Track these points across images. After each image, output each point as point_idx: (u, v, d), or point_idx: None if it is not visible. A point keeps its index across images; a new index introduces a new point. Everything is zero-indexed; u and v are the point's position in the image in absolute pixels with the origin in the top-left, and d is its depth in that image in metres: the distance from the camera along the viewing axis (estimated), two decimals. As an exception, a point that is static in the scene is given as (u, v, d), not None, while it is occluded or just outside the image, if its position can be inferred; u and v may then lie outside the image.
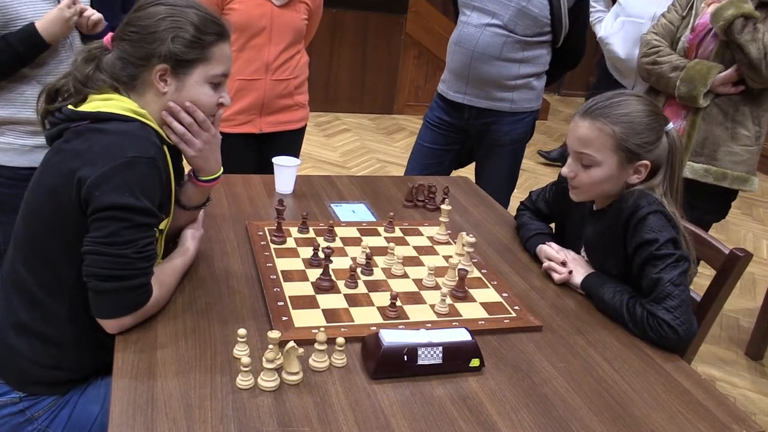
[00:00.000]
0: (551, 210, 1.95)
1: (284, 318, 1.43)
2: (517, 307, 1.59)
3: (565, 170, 1.68)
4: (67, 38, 2.05)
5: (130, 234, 1.29)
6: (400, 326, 1.45)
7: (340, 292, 1.57)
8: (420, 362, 1.30)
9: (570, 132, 1.67)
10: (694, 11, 2.50)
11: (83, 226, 1.31)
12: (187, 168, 1.60)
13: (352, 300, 1.54)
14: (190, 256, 1.57)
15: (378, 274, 1.67)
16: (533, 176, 5.22)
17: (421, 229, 1.97)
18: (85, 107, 1.40)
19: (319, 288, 1.57)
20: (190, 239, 1.60)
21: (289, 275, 1.61)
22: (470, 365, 1.34)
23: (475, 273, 1.73)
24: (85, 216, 1.31)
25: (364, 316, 1.48)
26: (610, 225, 1.65)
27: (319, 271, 1.60)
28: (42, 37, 1.95)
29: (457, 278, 1.62)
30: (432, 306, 1.55)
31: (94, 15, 2.05)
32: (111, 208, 1.28)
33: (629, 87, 3.50)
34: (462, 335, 1.35)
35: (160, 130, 1.44)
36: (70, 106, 1.41)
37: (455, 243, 1.86)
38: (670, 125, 1.64)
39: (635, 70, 3.26)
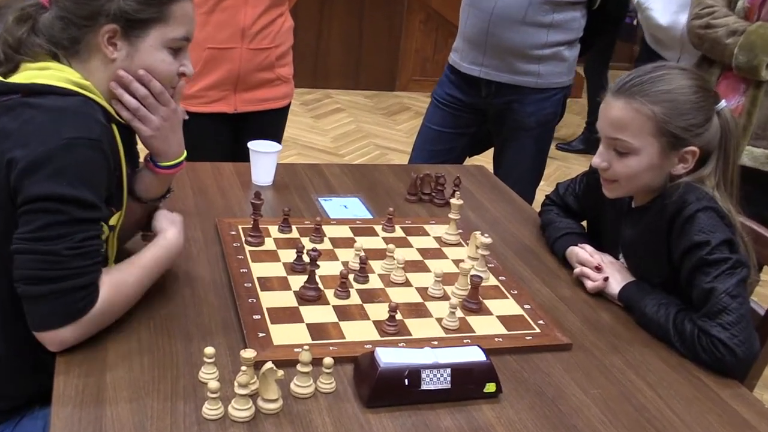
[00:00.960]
0: (582, 206, 1.96)
1: (261, 334, 1.43)
2: (541, 322, 1.58)
3: (596, 160, 1.68)
4: None
5: (64, 228, 1.29)
6: (401, 344, 1.45)
7: (328, 304, 1.57)
8: (424, 387, 1.30)
9: (601, 114, 1.67)
10: (757, -36, 2.49)
11: (12, 220, 1.31)
12: (143, 153, 1.59)
13: (343, 313, 1.54)
14: (168, 245, 1.51)
15: (374, 282, 1.67)
16: (564, 165, 5.22)
17: (427, 227, 1.97)
18: (16, 78, 1.39)
19: (303, 298, 1.57)
20: (165, 221, 1.56)
21: (267, 283, 1.61)
22: (485, 391, 1.34)
23: (492, 280, 1.73)
24: (14, 207, 1.30)
25: (358, 332, 1.48)
26: (652, 225, 1.64)
27: (304, 278, 1.60)
28: None
29: (469, 287, 1.62)
30: (439, 320, 1.55)
31: None
32: (43, 199, 1.28)
33: (674, 61, 3.50)
34: (475, 355, 1.35)
35: (107, 106, 1.44)
36: (-2, 77, 1.40)
37: (467, 245, 1.86)
38: (723, 103, 1.64)
39: (680, 41, 3.25)
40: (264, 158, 2.14)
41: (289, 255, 1.72)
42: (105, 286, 1.35)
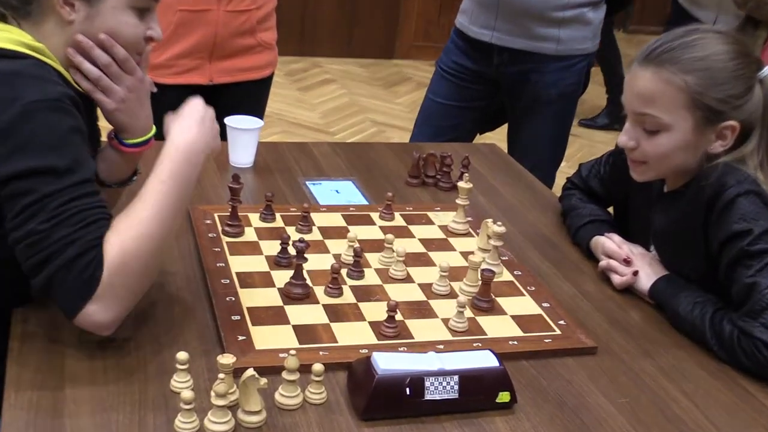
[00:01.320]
0: (607, 190, 1.96)
1: (241, 337, 1.44)
2: (562, 322, 1.59)
3: (622, 139, 1.68)
4: None
5: (37, 204, 1.29)
6: (401, 348, 1.46)
7: (318, 302, 1.57)
8: (428, 397, 1.31)
9: (627, 86, 1.67)
10: None
11: None
12: (104, 130, 1.59)
13: (335, 313, 1.55)
14: (174, 149, 1.41)
15: (370, 278, 1.68)
16: (588, 144, 5.23)
17: (431, 215, 1.98)
18: None
19: (289, 296, 1.57)
20: (171, 121, 1.46)
21: (247, 279, 1.62)
22: (497, 401, 1.34)
23: (505, 275, 1.74)
24: None
25: (352, 335, 1.49)
26: (687, 211, 1.65)
27: (290, 273, 1.61)
28: None
29: (479, 282, 1.63)
30: (445, 320, 1.56)
31: None
32: (12, 179, 1.28)
33: (709, 22, 3.49)
34: (486, 360, 1.36)
35: (64, 73, 1.44)
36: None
37: (478, 234, 1.87)
38: (766, 70, 1.64)
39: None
40: (243, 136, 2.15)
41: (272, 247, 1.72)
42: (109, 243, 1.31)
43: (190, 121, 1.45)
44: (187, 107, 1.48)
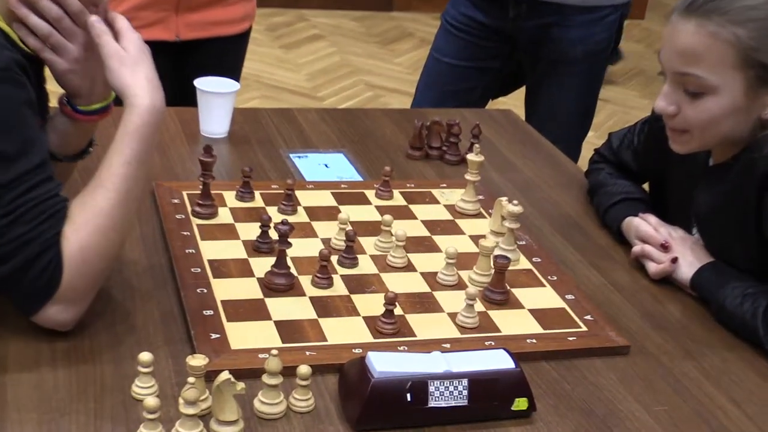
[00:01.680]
0: (642, 163, 1.96)
1: (214, 335, 1.44)
2: (589, 317, 1.59)
3: (660, 104, 1.68)
4: None
5: None
6: (401, 347, 1.46)
7: (304, 295, 1.57)
8: (433, 404, 1.31)
9: (665, 41, 1.67)
10: None
11: None
12: (53, 95, 1.59)
13: (324, 306, 1.55)
14: (135, 121, 1.41)
15: (365, 266, 1.68)
16: (621, 110, 5.22)
17: (436, 193, 1.98)
18: None
19: (270, 287, 1.57)
20: (122, 74, 1.43)
21: (222, 267, 1.62)
22: (513, 408, 1.34)
23: (523, 263, 1.74)
24: None
25: (343, 332, 1.49)
26: (736, 188, 1.65)
27: (272, 260, 1.61)
28: None
29: (492, 271, 1.63)
30: (452, 315, 1.56)
31: None
32: None
33: None
34: (500, 361, 1.36)
35: (9, 31, 1.43)
36: None
37: (490, 215, 1.87)
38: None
39: None
40: (217, 101, 2.14)
41: (250, 230, 1.72)
42: (68, 240, 1.33)
43: (149, 70, 1.46)
44: (133, 48, 1.46)
